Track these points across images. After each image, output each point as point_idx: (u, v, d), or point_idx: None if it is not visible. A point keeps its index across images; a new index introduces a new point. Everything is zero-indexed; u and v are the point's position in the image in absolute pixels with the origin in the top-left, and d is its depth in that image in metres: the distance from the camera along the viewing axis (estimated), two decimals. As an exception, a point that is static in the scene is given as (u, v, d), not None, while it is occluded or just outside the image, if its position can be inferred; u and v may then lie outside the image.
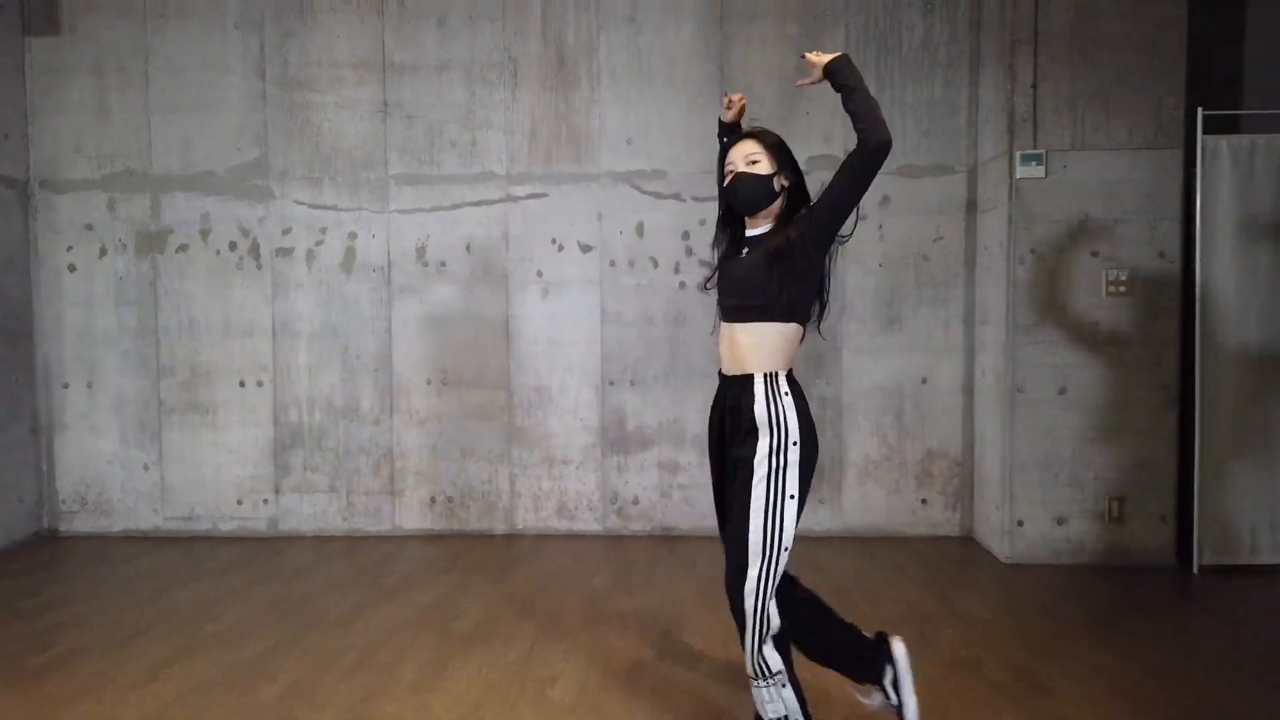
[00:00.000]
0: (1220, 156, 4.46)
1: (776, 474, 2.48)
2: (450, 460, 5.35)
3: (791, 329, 2.57)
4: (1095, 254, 4.60)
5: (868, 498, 5.25)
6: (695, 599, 4.17)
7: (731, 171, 2.65)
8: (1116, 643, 3.61)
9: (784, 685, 2.55)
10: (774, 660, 2.54)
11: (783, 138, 2.73)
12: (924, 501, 5.23)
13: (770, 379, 2.54)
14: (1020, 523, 4.68)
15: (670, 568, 4.69)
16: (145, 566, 4.80)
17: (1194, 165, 4.50)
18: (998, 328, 4.79)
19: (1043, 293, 4.63)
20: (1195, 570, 4.53)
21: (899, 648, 2.68)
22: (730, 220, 2.74)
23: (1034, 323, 4.63)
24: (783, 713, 2.55)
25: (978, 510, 5.12)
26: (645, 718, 2.97)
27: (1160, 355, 4.60)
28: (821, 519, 5.26)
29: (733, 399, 2.59)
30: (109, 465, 5.42)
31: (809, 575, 4.38)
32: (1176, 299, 4.59)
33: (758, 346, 2.55)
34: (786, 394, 2.53)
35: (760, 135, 2.68)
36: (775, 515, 2.47)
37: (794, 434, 2.50)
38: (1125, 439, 4.61)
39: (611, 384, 5.29)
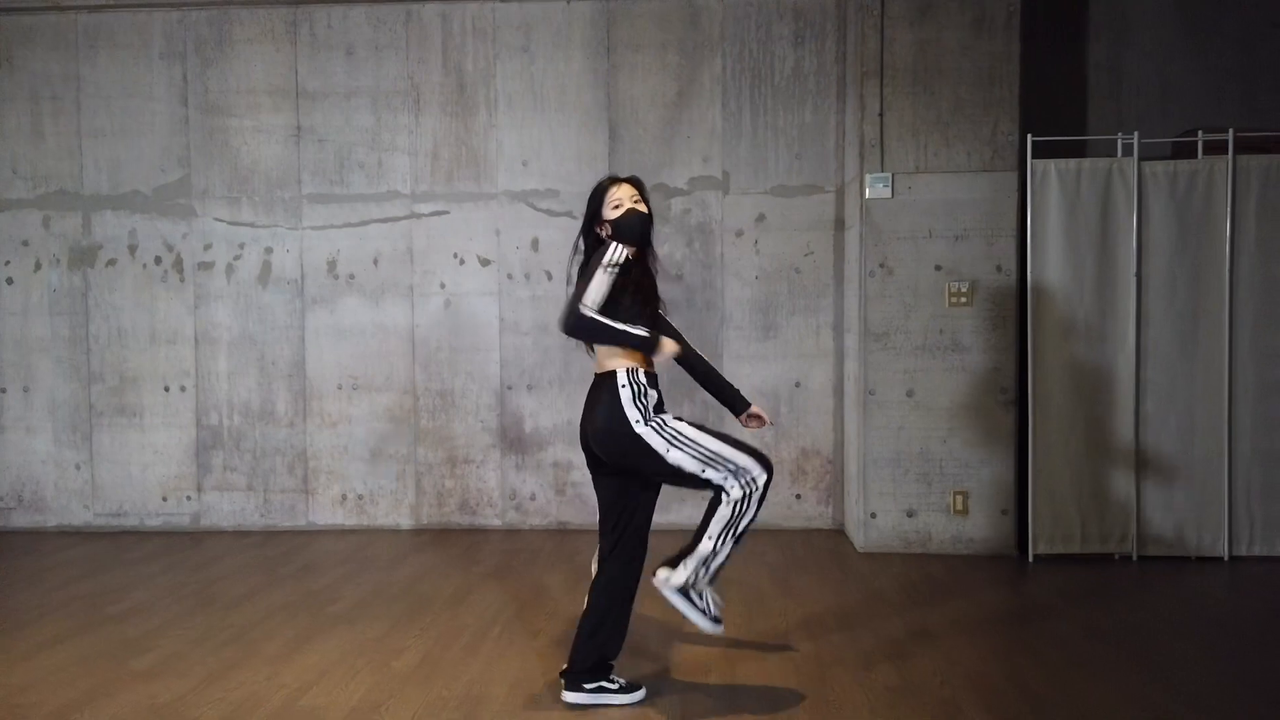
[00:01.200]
0: (1049, 179, 4.87)
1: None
2: (360, 460, 5.75)
3: None
4: (939, 268, 5.00)
5: (747, 494, 5.63)
6: (561, 585, 4.56)
7: (621, 205, 3.13)
8: (927, 618, 4.00)
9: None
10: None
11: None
12: (798, 496, 5.63)
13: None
14: (874, 515, 5.08)
15: (550, 559, 5.08)
16: (69, 558, 5.19)
17: (1026, 187, 4.91)
18: (855, 335, 5.20)
19: (891, 303, 5.03)
20: (1030, 559, 4.92)
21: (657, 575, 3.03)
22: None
23: (884, 331, 5.04)
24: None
25: (845, 504, 5.52)
26: (471, 678, 3.36)
27: (999, 361, 5.00)
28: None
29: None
30: (43, 465, 5.82)
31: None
32: (1013, 309, 4.99)
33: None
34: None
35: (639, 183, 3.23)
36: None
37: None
38: (968, 438, 5.01)
39: (510, 388, 5.69)
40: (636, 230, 3.13)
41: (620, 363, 3.10)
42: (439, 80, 5.66)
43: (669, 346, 3.09)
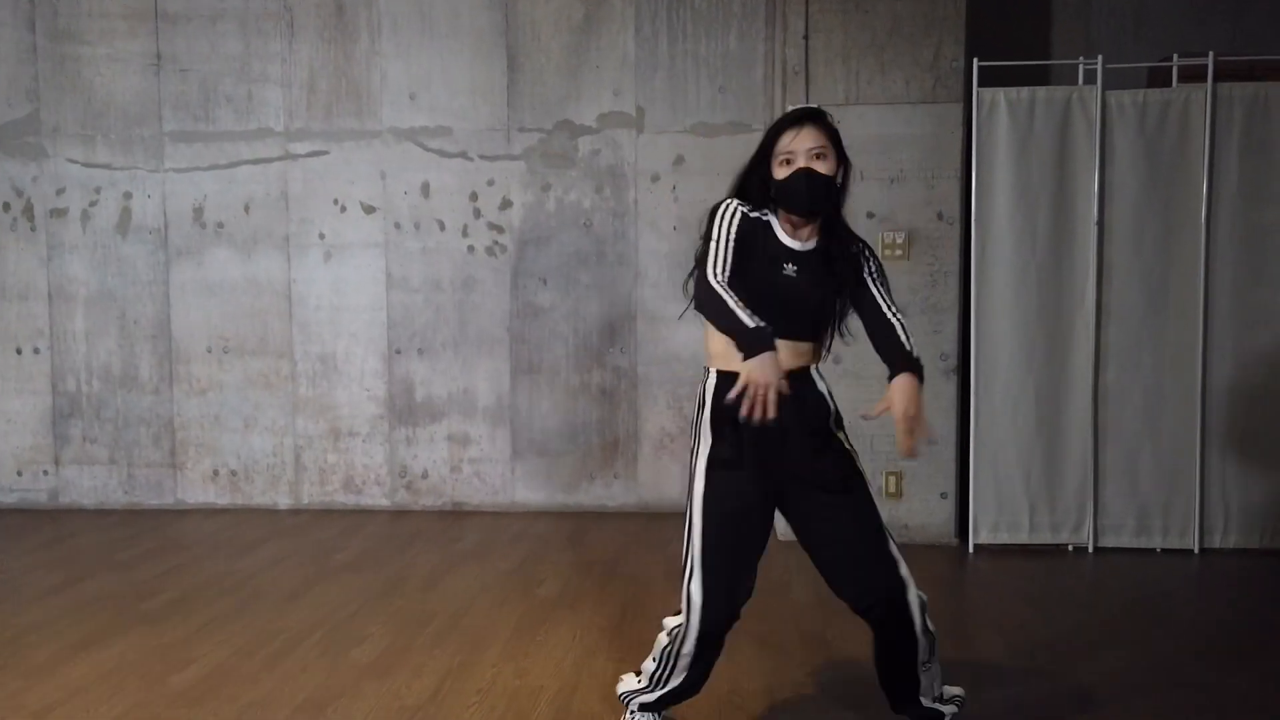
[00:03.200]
0: (997, 110, 4.19)
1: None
2: (233, 431, 5.15)
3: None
4: (870, 215, 4.34)
5: (662, 472, 5.02)
6: (423, 576, 3.97)
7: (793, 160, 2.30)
8: (831, 615, 3.40)
9: None
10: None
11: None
12: (721, 475, 5.01)
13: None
14: (796, 498, 4.46)
15: (429, 543, 4.49)
16: (-108, 539, 4.63)
17: (973, 121, 4.23)
18: (779, 293, 4.55)
19: (817, 256, 4.37)
20: (971, 549, 4.31)
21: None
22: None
23: (808, 288, 4.39)
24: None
25: (773, 485, 4.90)
26: (254, 699, 2.77)
27: (939, 322, 4.35)
28: (615, 493, 5.04)
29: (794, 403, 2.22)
30: (-115, 434, 5.24)
31: (567, 549, 4.22)
32: (955, 263, 4.34)
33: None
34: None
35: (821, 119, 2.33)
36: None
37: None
38: (904, 411, 4.37)
39: (399, 352, 5.07)
40: (807, 200, 2.28)
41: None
42: (315, 2, 4.98)
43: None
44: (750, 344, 2.10)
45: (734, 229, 2.35)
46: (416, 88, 4.98)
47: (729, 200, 2.43)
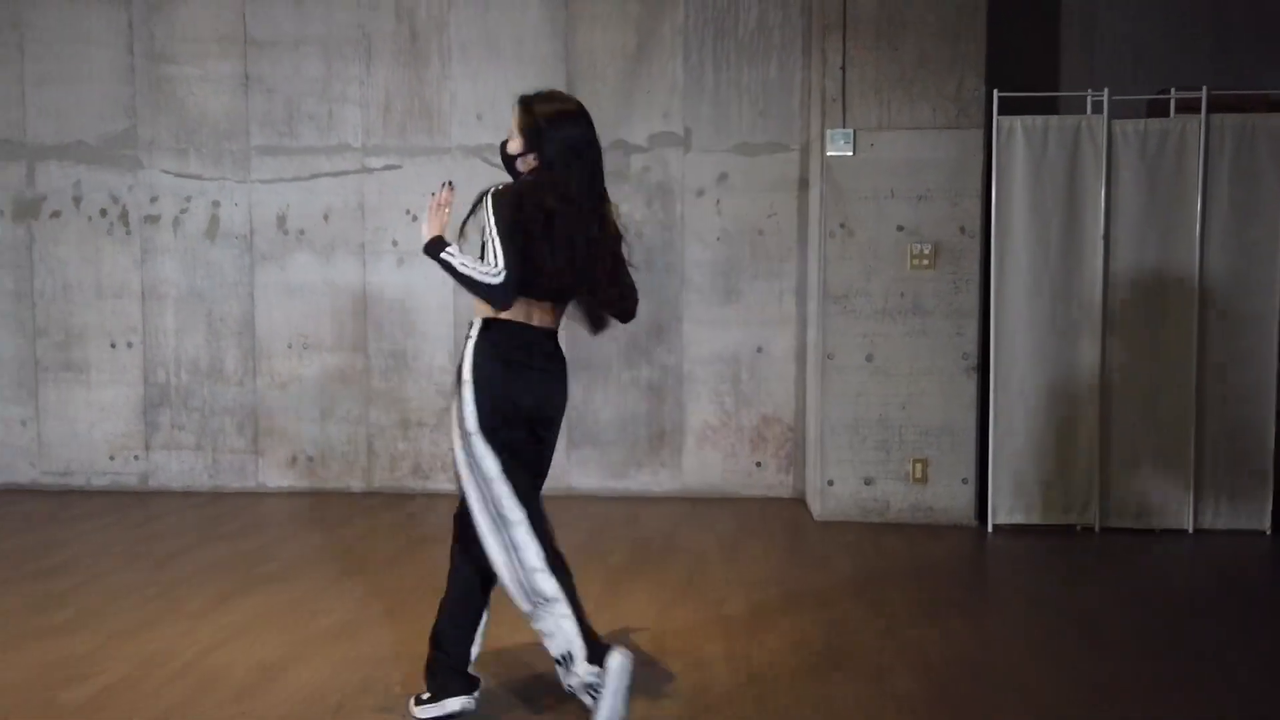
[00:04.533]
0: (1015, 137, 4.70)
1: None
2: (310, 421, 5.61)
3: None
4: (901, 229, 4.84)
5: (705, 461, 5.51)
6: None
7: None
8: (855, 584, 3.88)
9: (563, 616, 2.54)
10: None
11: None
12: (759, 465, 5.50)
13: None
14: (831, 482, 4.95)
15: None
16: (6, 514, 5.07)
17: (992, 145, 4.73)
18: (815, 299, 5.04)
19: (851, 265, 4.87)
20: (990, 529, 4.80)
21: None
22: None
23: (843, 293, 4.88)
24: (565, 648, 2.54)
25: (807, 473, 5.39)
26: (388, 640, 3.25)
27: (961, 325, 4.85)
28: (661, 480, 5.52)
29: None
30: (-13, 421, 5.70)
31: (626, 534, 4.67)
32: (977, 272, 4.84)
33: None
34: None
35: (519, 101, 2.81)
36: None
37: None
38: (929, 404, 4.86)
39: (464, 349, 5.53)
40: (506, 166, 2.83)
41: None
42: (391, 29, 5.47)
43: None
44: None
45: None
46: (483, 108, 5.47)
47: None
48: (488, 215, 2.66)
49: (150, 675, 2.97)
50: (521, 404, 2.67)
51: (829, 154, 4.83)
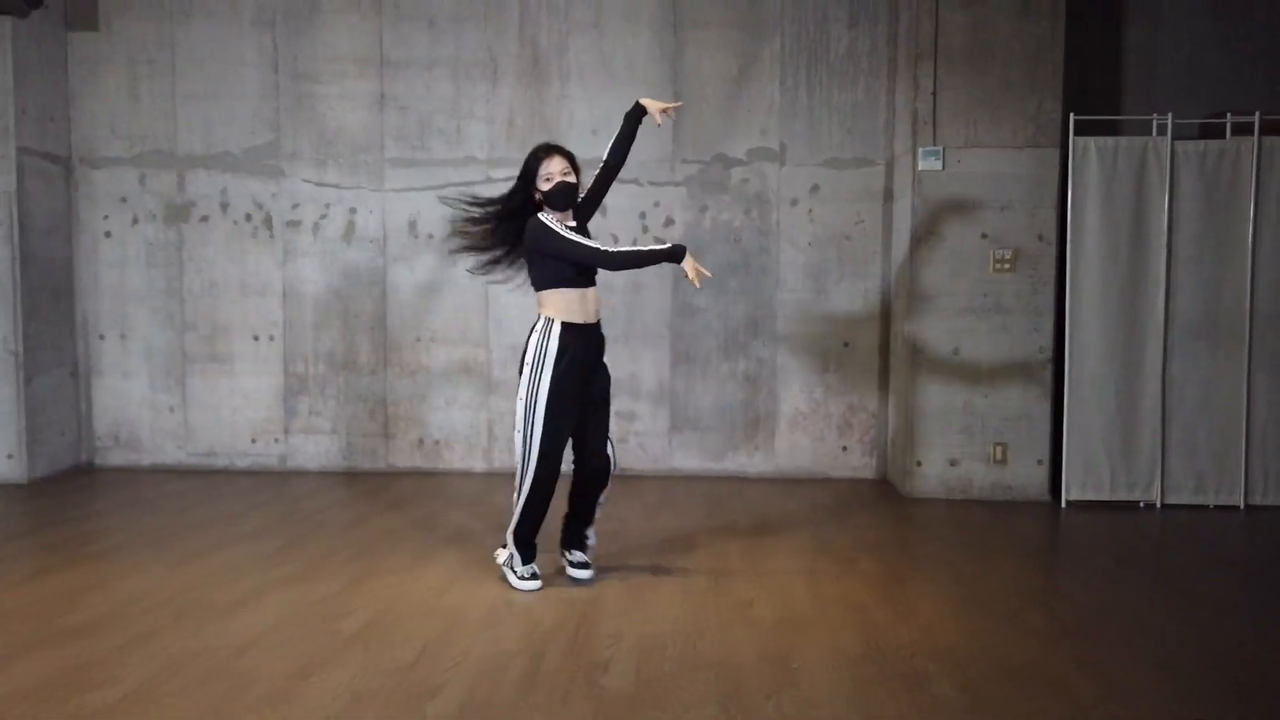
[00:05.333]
0: (1089, 155, 5.28)
1: None
2: (436, 408, 6.17)
3: None
4: (984, 236, 5.41)
5: (796, 445, 6.08)
6: (646, 511, 5.00)
7: (552, 179, 3.86)
8: (972, 550, 4.45)
9: None
10: None
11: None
12: (845, 449, 6.07)
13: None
14: (919, 463, 5.52)
15: (618, 497, 5.52)
16: (174, 490, 5.62)
17: (1068, 162, 5.31)
18: (905, 298, 5.61)
19: (940, 268, 5.45)
20: (1064, 505, 5.37)
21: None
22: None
23: (933, 294, 5.46)
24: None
25: (890, 455, 5.96)
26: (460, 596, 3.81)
27: (1038, 322, 5.43)
28: (756, 462, 6.09)
29: (595, 342, 3.84)
30: (139, 407, 6.23)
31: (738, 511, 5.22)
32: (1052, 274, 5.41)
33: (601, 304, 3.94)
34: None
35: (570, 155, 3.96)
36: None
37: None
38: (1008, 393, 5.44)
39: (576, 343, 6.09)
40: (567, 200, 3.85)
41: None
42: (515, 52, 6.03)
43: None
44: (677, 251, 3.71)
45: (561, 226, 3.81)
46: (598, 125, 6.02)
47: (539, 217, 3.84)
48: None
49: (400, 611, 3.52)
50: None
51: (920, 168, 5.40)
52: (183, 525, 4.79)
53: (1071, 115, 5.29)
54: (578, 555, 4.00)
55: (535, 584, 3.81)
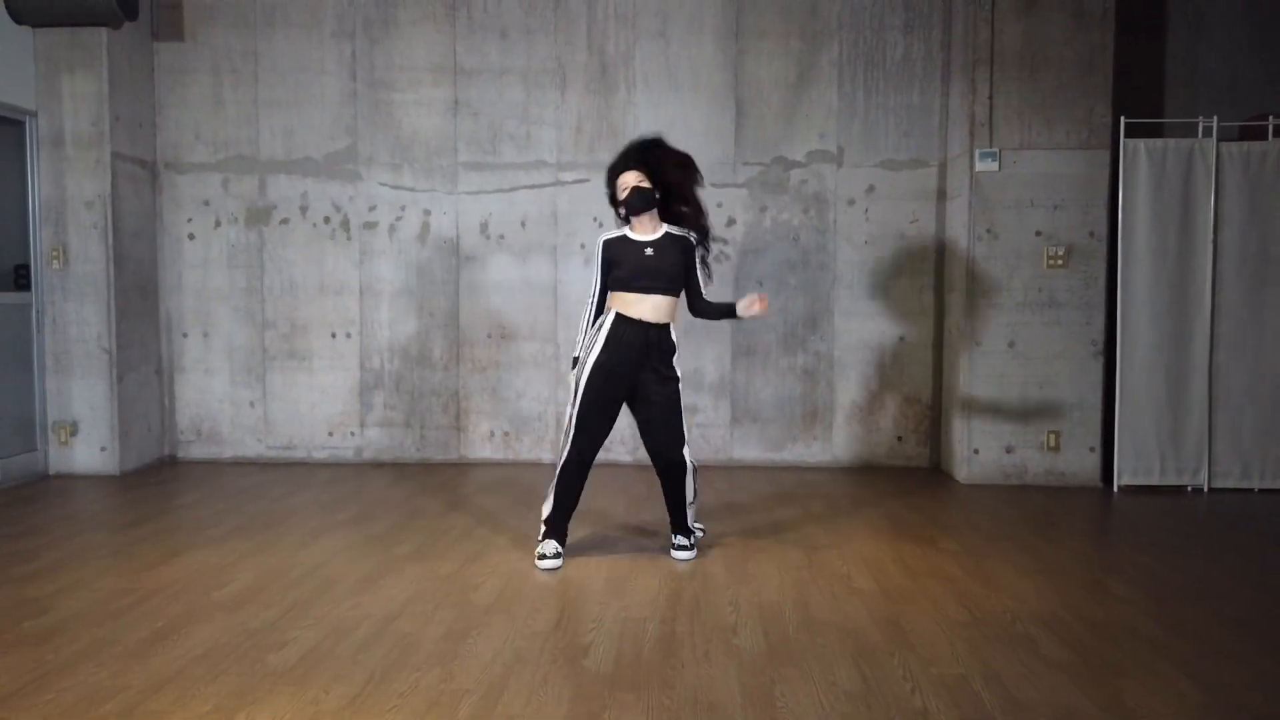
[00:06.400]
0: (1139, 156, 5.55)
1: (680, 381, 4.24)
2: (506, 401, 6.43)
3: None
4: (1038, 233, 5.68)
5: (853, 436, 6.34)
6: (622, 510, 5.27)
7: (626, 188, 4.13)
8: (1040, 530, 4.72)
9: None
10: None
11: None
12: (900, 439, 6.33)
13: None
14: (976, 451, 5.79)
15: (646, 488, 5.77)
16: (261, 480, 5.87)
17: (1118, 163, 5.58)
18: (960, 294, 5.88)
19: (996, 265, 5.71)
20: (1116, 489, 5.64)
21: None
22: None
23: (989, 289, 5.73)
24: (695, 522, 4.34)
25: (943, 444, 6.22)
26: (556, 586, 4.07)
27: (1090, 316, 5.69)
28: (814, 452, 6.35)
29: (651, 340, 4.08)
30: (220, 402, 6.49)
31: (808, 496, 5.47)
32: (1103, 270, 5.68)
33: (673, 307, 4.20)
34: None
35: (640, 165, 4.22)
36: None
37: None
38: (1061, 383, 5.71)
39: (642, 338, 6.36)
40: (641, 204, 4.12)
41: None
42: (583, 61, 6.30)
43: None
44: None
45: (601, 260, 4.21)
46: (662, 129, 6.20)
47: (602, 237, 4.24)
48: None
49: (523, 585, 3.78)
50: None
51: (977, 169, 5.67)
52: (285, 511, 5.05)
53: (1122, 118, 5.56)
54: (678, 538, 4.23)
55: (551, 563, 4.02)
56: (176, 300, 6.47)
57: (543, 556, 4.04)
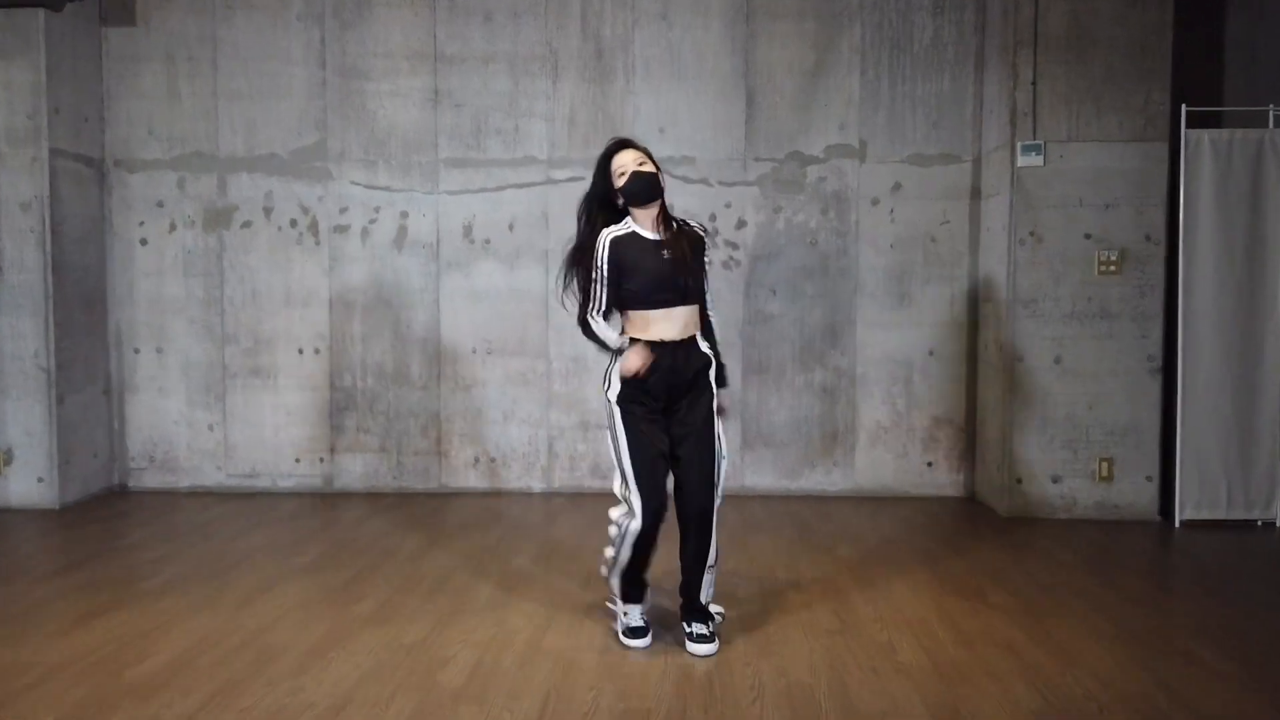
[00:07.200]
0: (1202, 149, 4.93)
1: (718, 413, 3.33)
2: (493, 423, 5.80)
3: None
4: (1088, 236, 5.06)
5: (877, 461, 5.71)
6: (730, 533, 4.63)
7: (625, 172, 3.26)
8: (1101, 577, 4.08)
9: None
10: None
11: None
12: (930, 464, 5.70)
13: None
14: (1019, 481, 5.15)
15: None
16: (217, 515, 5.24)
17: (1178, 156, 4.96)
18: (999, 303, 5.25)
19: (1040, 271, 5.09)
20: (1177, 524, 5.00)
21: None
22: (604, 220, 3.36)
23: (1032, 298, 5.10)
24: (711, 592, 3.36)
25: (979, 472, 5.59)
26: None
27: (1146, 328, 5.06)
28: (834, 480, 5.72)
29: (683, 359, 3.25)
30: (176, 425, 5.86)
31: (832, 535, 4.84)
32: (1161, 277, 5.05)
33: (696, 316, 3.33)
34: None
35: (638, 145, 3.35)
36: (722, 439, 3.33)
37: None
38: (1114, 405, 5.08)
39: (642, 354, 5.73)
40: (646, 192, 3.26)
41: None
42: (577, 46, 5.68)
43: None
44: (620, 350, 3.30)
45: (606, 264, 3.29)
46: (665, 122, 5.67)
47: (603, 234, 3.30)
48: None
49: (502, 658, 3.16)
50: None
51: (1019, 164, 5.05)
52: (237, 555, 4.42)
53: (1184, 107, 4.94)
54: (696, 627, 3.28)
55: (641, 641, 3.28)
56: (127, 312, 5.84)
57: (631, 632, 3.31)
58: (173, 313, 5.83)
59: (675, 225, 3.34)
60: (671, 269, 3.23)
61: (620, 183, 3.27)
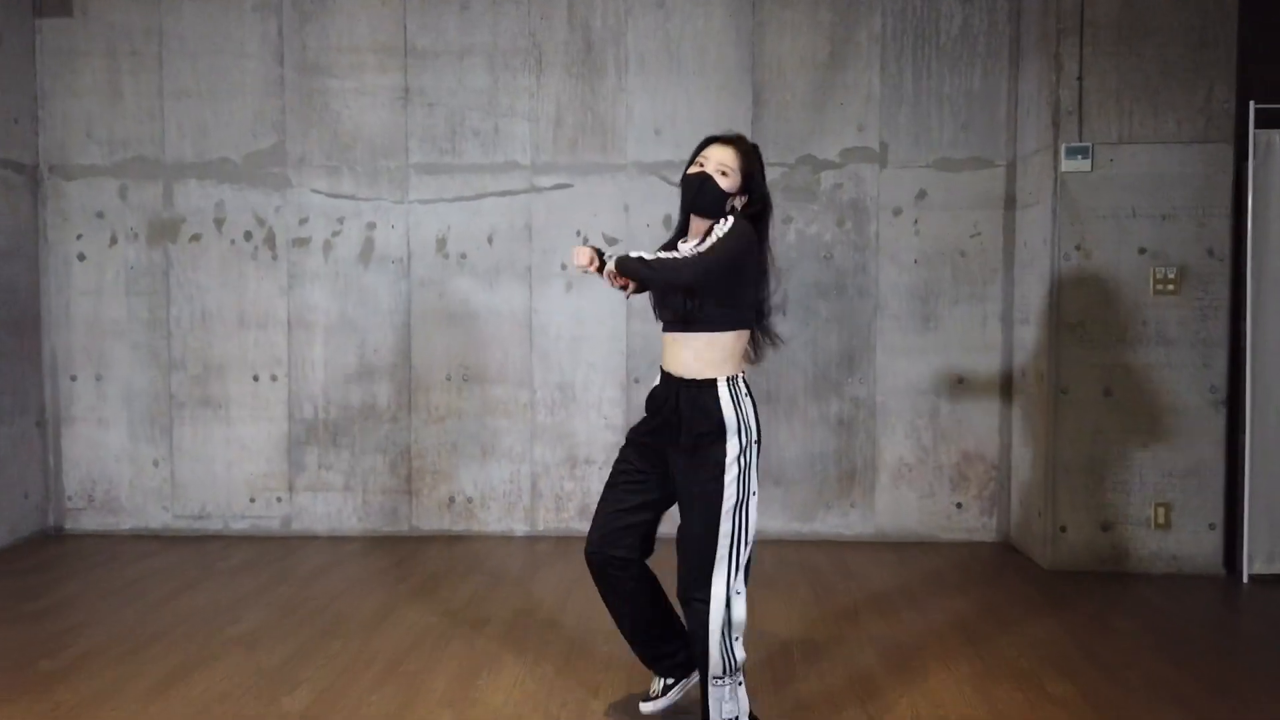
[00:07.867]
0: (1273, 151, 4.33)
1: (745, 473, 2.57)
2: (470, 459, 5.19)
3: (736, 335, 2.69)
4: (1142, 251, 4.45)
5: (900, 501, 5.10)
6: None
7: (701, 169, 2.68)
8: (1173, 654, 3.46)
9: (741, 682, 2.62)
10: (740, 652, 2.60)
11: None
12: (959, 506, 5.08)
13: (732, 382, 2.64)
14: (1063, 529, 4.54)
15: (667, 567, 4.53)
16: (156, 566, 4.64)
17: (1245, 160, 4.36)
18: (1039, 327, 4.64)
19: (1087, 291, 4.48)
20: (1244, 579, 4.39)
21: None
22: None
23: (1078, 321, 4.49)
24: (735, 713, 2.60)
25: (1015, 515, 4.97)
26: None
27: (1209, 356, 4.45)
28: (852, 523, 5.11)
29: (687, 399, 2.63)
30: (117, 461, 5.26)
31: (852, 593, 4.23)
32: (1225, 298, 4.44)
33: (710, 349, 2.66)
34: (746, 396, 2.65)
35: (739, 143, 2.72)
36: (744, 513, 2.58)
37: (754, 433, 2.61)
38: (1172, 442, 4.46)
39: (637, 381, 5.13)
40: (695, 199, 2.69)
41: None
42: (564, 38, 5.09)
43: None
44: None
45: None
46: (662, 123, 5.08)
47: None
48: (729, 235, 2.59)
49: None
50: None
51: (1063, 169, 4.45)
52: (164, 622, 3.80)
53: (1251, 104, 4.34)
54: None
55: (648, 706, 2.89)
56: (63, 336, 5.25)
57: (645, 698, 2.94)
58: (114, 336, 5.22)
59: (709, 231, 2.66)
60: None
61: (691, 172, 2.71)
